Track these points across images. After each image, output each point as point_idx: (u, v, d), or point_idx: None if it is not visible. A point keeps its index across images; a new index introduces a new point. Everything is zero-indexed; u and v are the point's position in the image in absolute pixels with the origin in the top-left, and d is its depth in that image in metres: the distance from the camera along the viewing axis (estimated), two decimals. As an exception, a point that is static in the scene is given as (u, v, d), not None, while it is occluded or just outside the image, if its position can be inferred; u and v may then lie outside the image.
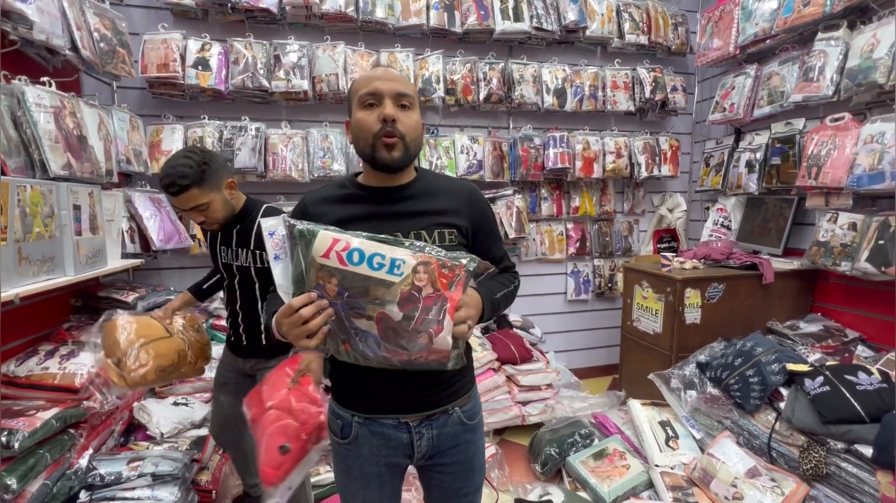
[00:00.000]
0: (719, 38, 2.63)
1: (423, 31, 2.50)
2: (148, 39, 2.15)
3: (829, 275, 2.23)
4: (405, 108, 0.88)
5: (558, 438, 2.06)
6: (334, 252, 0.74)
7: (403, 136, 0.86)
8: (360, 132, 0.87)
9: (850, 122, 2.00)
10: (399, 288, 0.73)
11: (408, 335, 0.75)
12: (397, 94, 0.86)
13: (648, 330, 2.33)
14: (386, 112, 0.84)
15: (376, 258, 0.74)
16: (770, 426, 1.68)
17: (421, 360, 0.78)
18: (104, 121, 1.82)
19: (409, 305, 0.74)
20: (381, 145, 0.85)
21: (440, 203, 0.93)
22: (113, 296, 1.89)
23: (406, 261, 0.74)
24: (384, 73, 0.88)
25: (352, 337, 0.77)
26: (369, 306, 0.74)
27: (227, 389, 1.54)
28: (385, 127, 0.85)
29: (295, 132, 2.39)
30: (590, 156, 2.76)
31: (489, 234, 0.99)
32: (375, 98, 0.86)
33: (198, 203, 1.32)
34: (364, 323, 0.75)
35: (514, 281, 1.03)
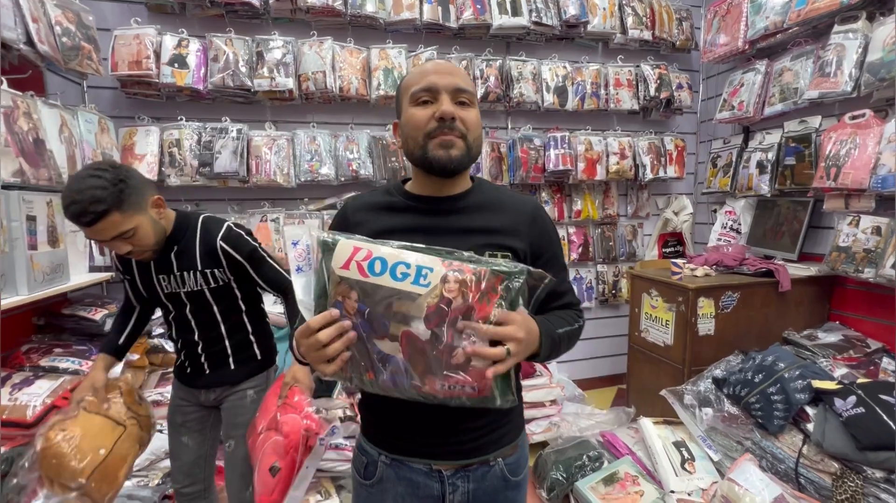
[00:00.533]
0: (726, 33, 2.50)
1: (416, 27, 2.36)
2: (119, 35, 2.00)
3: (848, 282, 2.10)
4: (464, 105, 0.77)
5: (565, 460, 1.91)
6: (355, 262, 0.64)
7: (465, 134, 0.76)
8: (410, 131, 0.76)
9: (871, 120, 1.87)
10: (426, 300, 0.63)
11: (437, 358, 0.64)
12: (456, 89, 0.75)
13: (658, 341, 2.20)
14: (444, 109, 0.73)
15: (400, 267, 0.64)
16: (797, 449, 1.55)
17: (459, 392, 0.66)
18: (67, 122, 1.67)
19: (437, 321, 0.63)
20: (434, 144, 0.74)
21: (497, 220, 0.80)
22: (79, 313, 1.73)
23: (434, 269, 0.64)
24: (440, 66, 0.78)
25: (375, 363, 0.66)
26: (393, 324, 0.64)
27: (189, 428, 1.34)
28: (441, 126, 0.74)
29: (280, 134, 2.24)
30: (592, 157, 2.63)
31: (552, 261, 0.83)
32: (431, 94, 0.75)
33: (121, 231, 1.06)
34: (388, 345, 0.65)
35: (579, 320, 0.86)
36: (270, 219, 2.24)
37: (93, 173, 1.05)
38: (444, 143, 0.74)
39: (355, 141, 2.31)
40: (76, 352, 1.62)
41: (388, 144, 2.36)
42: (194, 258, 1.21)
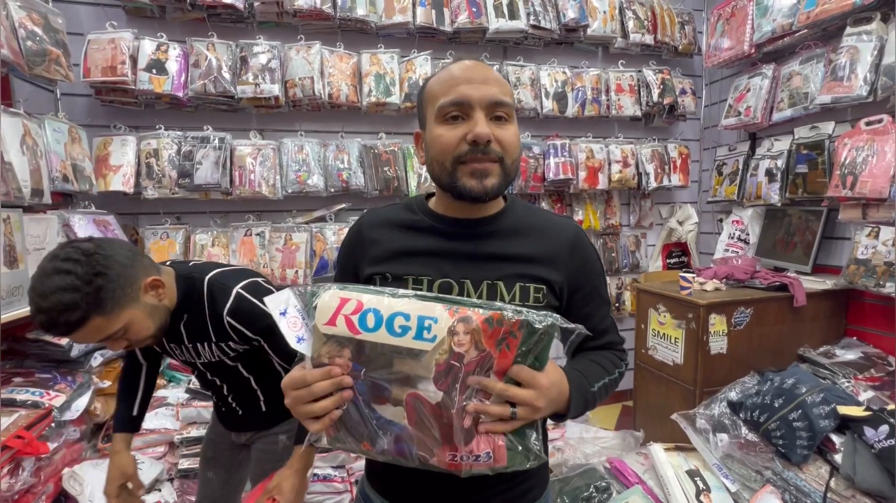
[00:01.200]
0: (731, 36, 2.42)
1: (409, 31, 2.26)
2: (92, 39, 1.88)
3: (865, 296, 2.00)
4: (501, 121, 0.64)
5: (570, 491, 1.78)
6: (342, 316, 0.56)
7: (502, 157, 0.64)
8: (436, 153, 0.65)
9: (889, 125, 1.78)
10: (433, 358, 0.54)
11: (450, 423, 0.54)
12: (493, 102, 0.63)
13: (667, 360, 2.08)
14: (478, 132, 0.61)
15: (398, 320, 0.55)
16: (824, 482, 1.42)
17: (471, 461, 0.56)
18: (31, 132, 1.54)
19: (450, 380, 0.54)
20: (465, 172, 0.63)
21: (531, 247, 0.69)
22: (43, 338, 1.60)
23: (439, 320, 0.54)
24: (473, 72, 0.64)
25: (374, 431, 0.57)
26: (395, 387, 0.55)
27: (217, 464, 1.25)
28: (475, 150, 0.62)
29: (266, 143, 2.12)
30: (594, 165, 2.52)
31: (593, 295, 0.73)
32: (462, 109, 0.63)
33: (108, 334, 0.87)
34: (390, 410, 0.56)
35: (621, 366, 0.74)
36: (255, 233, 2.12)
37: (59, 267, 0.81)
38: (477, 171, 0.63)
39: (346, 150, 2.20)
40: (38, 382, 1.48)
41: (381, 153, 2.25)
42: (206, 330, 1.01)
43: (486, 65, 0.68)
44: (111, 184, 1.92)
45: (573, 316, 0.70)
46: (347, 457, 1.80)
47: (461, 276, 0.67)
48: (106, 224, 1.88)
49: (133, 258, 0.91)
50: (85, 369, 1.64)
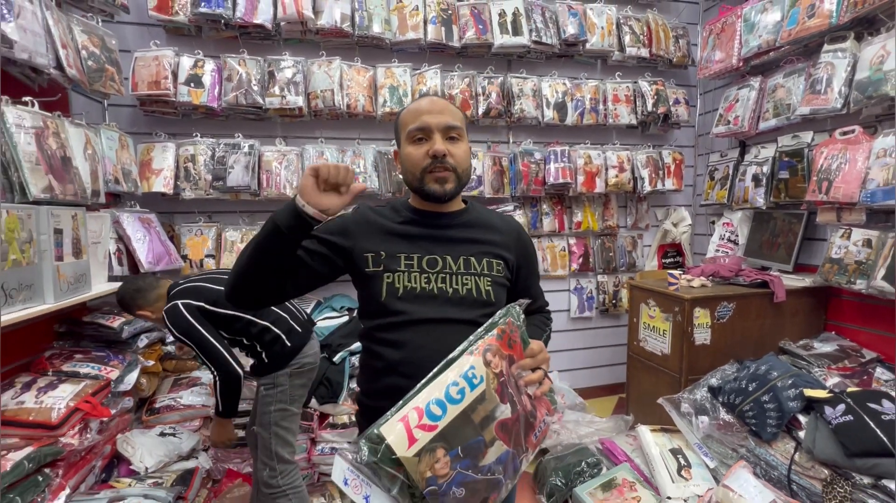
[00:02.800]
0: (721, 50, 2.58)
1: (421, 46, 2.46)
2: (139, 57, 2.11)
3: (843, 293, 2.15)
4: (454, 140, 0.89)
5: (564, 467, 1.96)
6: (416, 429, 0.62)
7: (455, 167, 0.88)
8: (409, 167, 0.89)
9: (860, 136, 1.94)
10: (490, 389, 0.68)
11: (527, 417, 0.72)
12: (446, 126, 0.87)
13: (656, 350, 2.24)
14: (436, 149, 0.85)
15: (452, 390, 0.65)
16: (789, 456, 1.59)
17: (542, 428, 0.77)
18: (91, 140, 1.77)
19: (507, 393, 0.70)
20: (430, 178, 0.87)
21: (491, 235, 0.95)
22: (98, 320, 1.81)
23: (475, 365, 0.68)
24: (432, 105, 0.88)
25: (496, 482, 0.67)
26: (485, 432, 0.66)
27: None
28: (435, 163, 0.86)
29: (290, 149, 2.33)
30: (592, 170, 2.70)
31: (531, 272, 1.01)
32: (424, 133, 0.87)
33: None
34: (492, 453, 0.66)
35: (549, 324, 1.02)
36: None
37: None
38: (439, 178, 0.87)
39: (361, 155, 2.40)
40: (95, 358, 1.70)
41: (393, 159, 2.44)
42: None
43: (443, 99, 0.92)
44: (154, 185, 2.14)
45: (519, 285, 0.96)
46: (362, 432, 1.99)
47: (443, 253, 0.89)
48: (149, 222, 2.10)
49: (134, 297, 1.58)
50: (133, 349, 1.86)
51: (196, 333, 1.42)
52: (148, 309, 1.56)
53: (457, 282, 0.88)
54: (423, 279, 0.87)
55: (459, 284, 0.88)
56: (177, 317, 1.43)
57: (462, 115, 0.92)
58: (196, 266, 2.24)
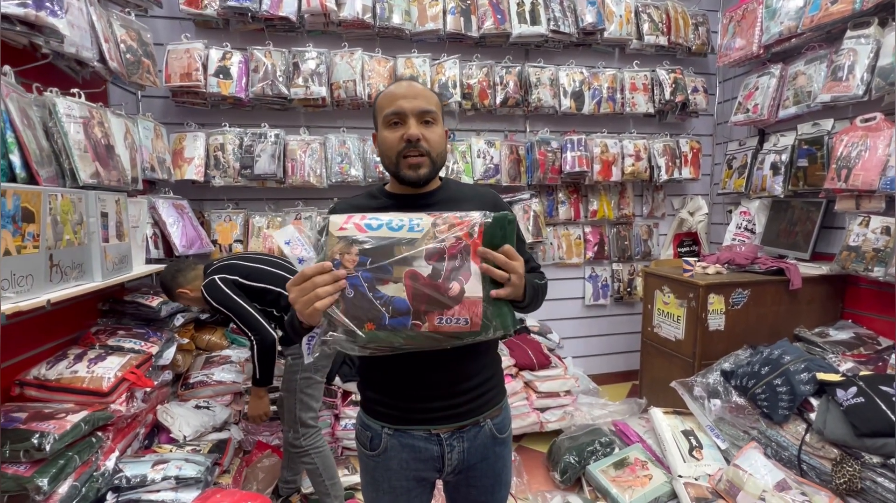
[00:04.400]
0: (742, 37, 2.57)
1: (440, 36, 2.50)
2: (171, 49, 2.20)
3: (860, 281, 2.15)
4: (428, 125, 0.89)
5: (578, 446, 2.02)
6: (352, 223, 0.74)
7: (429, 152, 0.88)
8: (385, 150, 0.90)
9: (882, 123, 1.93)
10: (423, 242, 0.73)
11: (438, 289, 0.73)
12: (420, 111, 0.88)
13: (670, 336, 2.28)
14: (410, 133, 0.86)
15: (395, 221, 0.75)
16: (800, 438, 1.63)
17: (455, 326, 0.74)
18: (130, 129, 1.87)
19: (436, 257, 0.73)
20: (405, 164, 0.88)
21: (467, 208, 0.93)
22: (138, 300, 1.94)
23: (423, 219, 0.76)
24: (407, 90, 0.89)
25: (378, 310, 0.73)
26: (396, 268, 0.73)
27: None
28: (409, 146, 0.87)
29: (313, 138, 2.41)
30: (608, 159, 2.72)
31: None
32: (399, 117, 0.87)
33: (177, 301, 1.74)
34: (392, 288, 0.73)
35: (545, 278, 1.02)
36: (304, 216, 2.42)
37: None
38: (413, 164, 0.87)
39: (382, 144, 2.47)
40: (136, 335, 1.82)
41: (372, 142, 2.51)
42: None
43: (419, 84, 0.91)
44: (186, 173, 2.24)
45: None
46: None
47: None
48: (182, 207, 2.21)
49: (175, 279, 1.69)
50: (170, 327, 1.98)
51: (233, 303, 1.54)
52: (187, 287, 1.67)
53: None
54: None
55: None
56: (215, 290, 1.55)
57: (437, 100, 0.92)
58: (225, 250, 2.35)
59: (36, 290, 1.25)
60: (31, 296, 1.23)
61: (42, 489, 1.19)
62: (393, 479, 0.93)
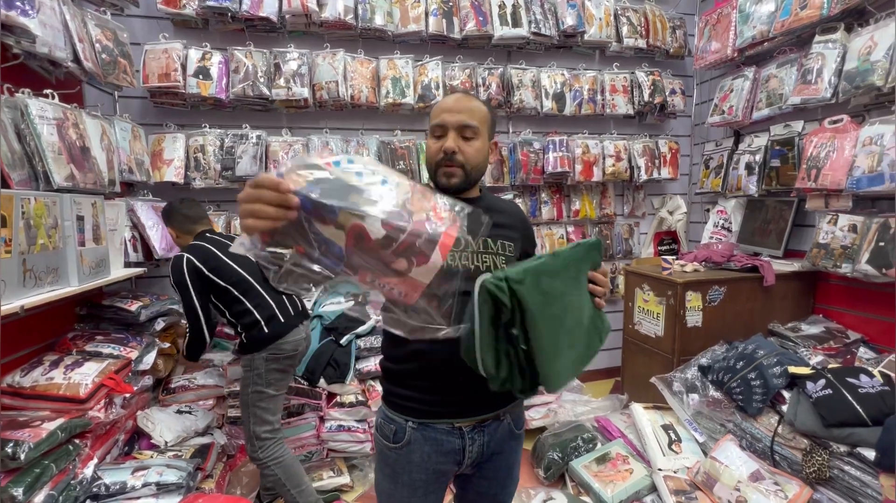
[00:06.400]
0: (717, 40, 2.64)
1: (422, 38, 2.51)
2: (149, 49, 2.17)
3: (830, 277, 2.23)
4: (468, 139, 0.95)
5: (561, 443, 2.06)
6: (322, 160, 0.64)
7: (463, 164, 0.95)
8: (427, 157, 0.99)
9: (848, 125, 2.00)
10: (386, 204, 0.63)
11: (382, 257, 0.63)
12: (461, 125, 0.94)
13: (650, 333, 2.33)
14: (447, 146, 0.93)
15: (366, 170, 0.65)
16: (772, 429, 1.68)
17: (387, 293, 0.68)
18: (106, 131, 1.84)
19: (396, 225, 0.62)
20: (441, 172, 0.95)
21: (503, 219, 1.02)
22: (117, 304, 1.90)
23: (402, 184, 0.66)
24: (454, 104, 0.95)
25: (310, 241, 0.62)
26: (343, 214, 0.60)
27: None
28: (446, 158, 0.93)
29: (296, 139, 2.40)
30: (589, 159, 2.77)
31: (532, 246, 1.13)
32: (442, 130, 0.95)
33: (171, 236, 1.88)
34: (331, 231, 0.61)
35: None
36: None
37: None
38: (447, 173, 0.95)
39: (365, 146, 2.47)
40: (115, 340, 1.79)
41: (396, 148, 2.52)
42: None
43: (468, 97, 0.98)
44: (165, 175, 2.21)
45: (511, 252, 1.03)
46: (369, 411, 2.09)
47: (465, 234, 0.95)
48: (161, 210, 2.17)
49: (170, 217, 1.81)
50: (150, 332, 1.95)
51: (184, 289, 1.61)
52: (175, 231, 1.81)
53: (477, 259, 0.96)
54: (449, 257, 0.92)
55: (479, 261, 0.97)
56: (177, 268, 1.61)
57: (485, 114, 0.97)
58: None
59: (9, 296, 1.23)
60: (4, 302, 1.20)
61: (17, 499, 1.17)
62: (413, 472, 0.96)
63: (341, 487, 2.01)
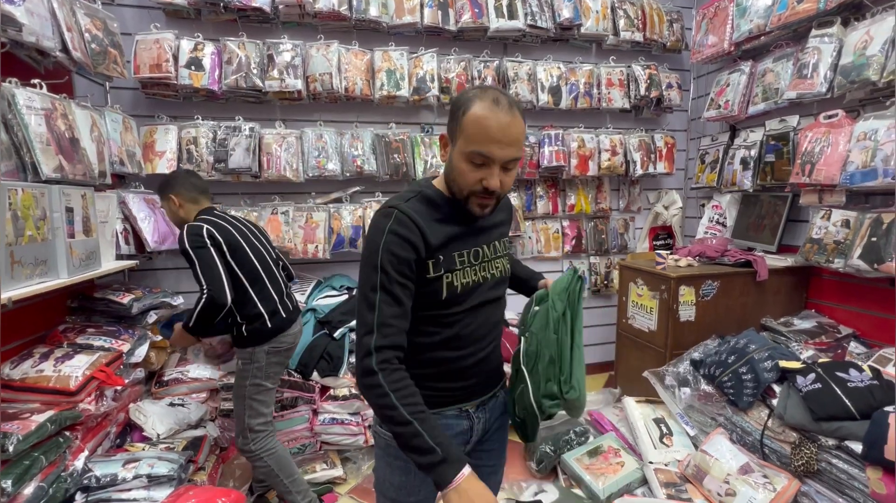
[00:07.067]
0: (714, 34, 2.62)
1: (417, 30, 2.49)
2: (140, 39, 2.14)
3: (823, 272, 2.24)
4: (509, 170, 0.87)
5: (553, 436, 2.07)
6: None
7: (500, 197, 0.89)
8: (458, 179, 0.87)
9: (843, 119, 2.00)
10: None
11: None
12: (508, 160, 0.84)
13: (643, 327, 2.34)
14: (491, 183, 0.84)
15: None
16: (763, 423, 1.69)
17: None
18: (97, 122, 1.82)
19: None
20: (474, 202, 0.87)
21: (500, 217, 1.02)
22: (109, 296, 1.89)
23: None
24: (504, 133, 0.82)
25: None
26: None
27: None
28: (485, 192, 0.86)
29: (289, 132, 2.38)
30: (585, 153, 2.76)
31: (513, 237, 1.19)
32: (486, 161, 0.83)
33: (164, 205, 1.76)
34: None
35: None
36: (280, 212, 2.40)
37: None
38: (482, 205, 0.88)
39: (359, 138, 2.46)
40: (107, 332, 1.78)
41: (391, 141, 2.50)
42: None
43: (515, 118, 0.83)
44: (157, 167, 2.19)
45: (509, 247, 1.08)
46: (362, 404, 2.09)
47: (482, 243, 0.96)
48: (154, 202, 2.16)
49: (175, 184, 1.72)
50: (142, 325, 1.94)
51: (201, 250, 1.51)
52: (179, 200, 1.69)
53: (493, 267, 0.98)
54: (472, 272, 0.93)
55: (495, 269, 0.98)
56: (195, 234, 1.53)
57: (525, 137, 0.95)
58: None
59: (-4, 288, 1.22)
60: (-9, 293, 1.19)
61: (6, 491, 1.16)
62: None
63: (334, 479, 2.01)
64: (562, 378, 0.94)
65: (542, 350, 0.96)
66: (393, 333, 0.83)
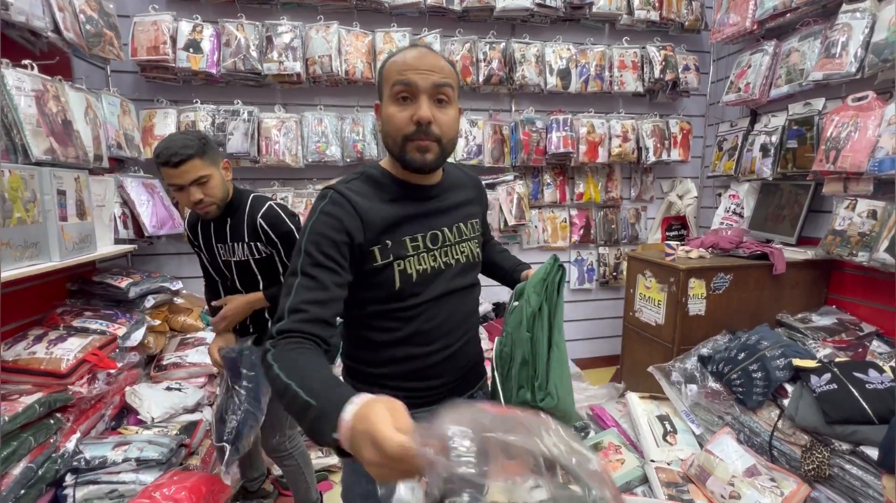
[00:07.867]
0: (736, 12, 2.46)
1: (421, 10, 2.40)
2: (138, 21, 2.12)
3: (845, 266, 2.10)
4: (442, 104, 0.78)
5: (553, 430, 2.01)
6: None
7: (440, 138, 0.78)
8: (390, 129, 0.79)
9: (873, 102, 1.85)
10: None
11: None
12: (435, 86, 0.76)
13: (650, 321, 2.25)
14: (421, 114, 0.75)
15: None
16: (772, 424, 1.60)
17: None
18: (92, 105, 1.80)
19: None
20: (412, 147, 0.78)
21: (464, 195, 0.94)
22: (107, 280, 1.90)
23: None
24: (421, 60, 0.76)
25: None
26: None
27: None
28: (419, 130, 0.76)
29: (289, 116, 2.34)
30: (594, 140, 2.65)
31: (486, 217, 1.08)
32: (409, 91, 0.76)
33: (199, 175, 1.31)
34: None
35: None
36: (279, 197, 2.37)
37: (182, 133, 1.40)
38: (421, 147, 0.77)
39: (360, 123, 2.40)
40: (104, 316, 1.78)
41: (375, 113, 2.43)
42: (243, 230, 1.42)
43: (434, 53, 0.79)
44: (156, 151, 2.18)
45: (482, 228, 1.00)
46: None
47: (440, 226, 0.87)
48: (152, 187, 2.15)
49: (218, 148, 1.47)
50: (140, 309, 1.94)
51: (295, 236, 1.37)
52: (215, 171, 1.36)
53: (457, 252, 0.88)
54: (430, 258, 0.84)
55: (459, 254, 0.89)
56: (277, 217, 1.40)
57: (454, 73, 0.81)
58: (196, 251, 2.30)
59: (-19, 270, 1.21)
60: (-25, 275, 1.19)
61: (-7, 470, 1.17)
62: None
63: (329, 467, 2.01)
64: (536, 383, 0.83)
65: (515, 351, 0.86)
66: (305, 319, 0.70)
